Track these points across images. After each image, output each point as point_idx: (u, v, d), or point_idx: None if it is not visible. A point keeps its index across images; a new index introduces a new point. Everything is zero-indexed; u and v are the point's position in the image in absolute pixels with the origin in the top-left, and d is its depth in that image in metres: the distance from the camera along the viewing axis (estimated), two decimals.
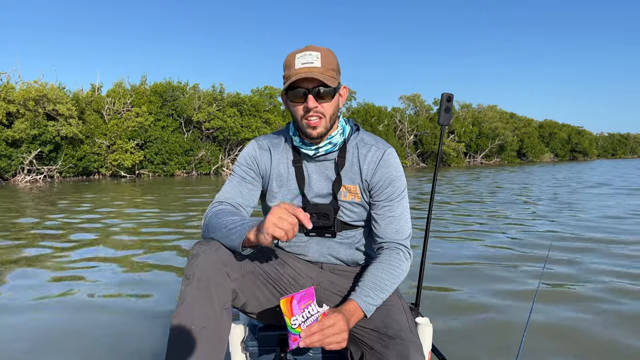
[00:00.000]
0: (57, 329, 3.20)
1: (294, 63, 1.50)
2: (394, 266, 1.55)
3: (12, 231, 7.39)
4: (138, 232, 7.24)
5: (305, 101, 1.51)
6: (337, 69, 1.55)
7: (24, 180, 23.98)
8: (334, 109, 1.56)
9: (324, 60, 1.50)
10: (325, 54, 1.52)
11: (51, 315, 3.46)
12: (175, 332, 1.37)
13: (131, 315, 3.45)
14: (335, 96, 1.55)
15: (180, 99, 30.81)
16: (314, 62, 1.49)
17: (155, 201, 12.31)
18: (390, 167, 1.63)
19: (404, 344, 1.35)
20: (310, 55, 1.49)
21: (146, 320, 3.31)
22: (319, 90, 1.49)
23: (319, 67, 1.49)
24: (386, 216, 1.61)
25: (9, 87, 24.97)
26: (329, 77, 1.49)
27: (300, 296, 1.29)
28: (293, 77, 1.48)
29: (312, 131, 1.53)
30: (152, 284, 4.28)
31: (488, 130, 52.18)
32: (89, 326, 3.22)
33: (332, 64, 1.53)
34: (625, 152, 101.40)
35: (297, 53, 1.51)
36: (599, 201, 11.15)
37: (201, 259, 1.41)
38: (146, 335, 3.02)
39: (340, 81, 1.58)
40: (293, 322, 1.28)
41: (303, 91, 1.50)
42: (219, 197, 1.64)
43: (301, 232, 1.68)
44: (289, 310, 1.28)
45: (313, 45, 1.54)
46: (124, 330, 3.12)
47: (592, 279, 4.27)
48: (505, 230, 7.07)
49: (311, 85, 1.49)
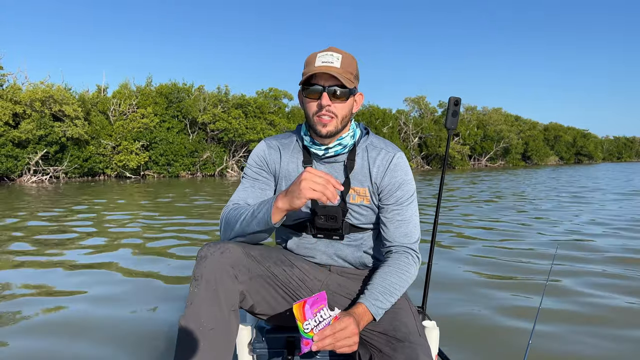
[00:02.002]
0: (65, 331, 3.21)
1: (314, 61, 1.52)
2: (403, 270, 1.55)
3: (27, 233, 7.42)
4: (145, 232, 7.26)
5: (319, 98, 1.51)
6: (356, 74, 1.57)
7: (29, 181, 24.10)
8: (347, 111, 1.56)
9: (344, 62, 1.52)
10: (346, 57, 1.54)
11: (58, 317, 3.47)
12: (183, 333, 1.37)
13: (139, 316, 3.46)
14: (350, 99, 1.56)
15: (185, 101, 30.90)
16: (334, 62, 1.50)
17: (170, 205, 12.33)
18: (400, 171, 1.63)
19: (412, 347, 1.35)
20: (331, 56, 1.51)
21: (154, 322, 3.32)
22: (335, 89, 1.50)
23: (338, 68, 1.50)
24: (395, 220, 1.61)
25: (16, 87, 25.13)
26: (346, 79, 1.50)
27: (313, 300, 1.30)
28: (311, 71, 1.49)
29: (322, 129, 1.53)
30: (160, 285, 4.29)
31: (493, 133, 52.04)
32: (97, 327, 3.23)
33: (352, 67, 1.54)
34: (630, 155, 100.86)
35: (319, 52, 1.54)
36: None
37: (209, 261, 1.42)
38: (154, 337, 3.02)
39: (357, 87, 1.59)
40: (305, 327, 1.28)
41: (319, 88, 1.51)
42: (233, 199, 1.65)
43: (309, 234, 1.69)
44: (302, 314, 1.28)
45: (335, 47, 1.55)
46: (133, 331, 3.13)
47: (596, 292, 4.25)
48: (514, 234, 7.05)
49: (328, 83, 1.50)
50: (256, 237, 1.53)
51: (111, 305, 3.70)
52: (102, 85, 31.53)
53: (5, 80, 26.05)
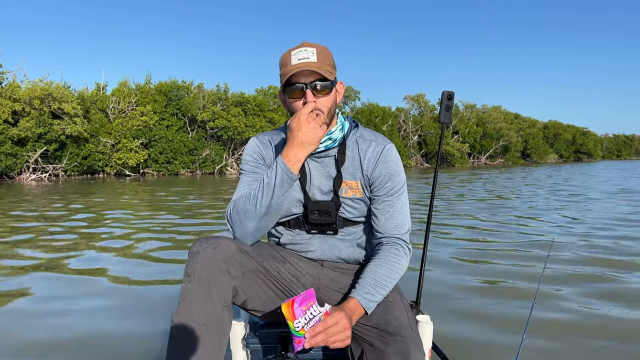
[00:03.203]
0: (59, 330, 3.21)
1: (290, 60, 1.51)
2: (393, 262, 1.55)
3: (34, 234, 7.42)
4: (142, 230, 7.26)
5: (303, 96, 1.51)
6: (333, 65, 1.57)
7: (29, 179, 24.10)
8: (332, 103, 1.56)
9: (320, 55, 1.51)
10: (321, 49, 1.53)
11: (53, 315, 3.48)
12: (176, 329, 1.37)
13: (131, 312, 3.46)
14: (333, 91, 1.56)
15: (184, 98, 30.89)
16: (310, 57, 1.49)
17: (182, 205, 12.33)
18: (390, 162, 1.63)
19: (404, 341, 1.35)
20: (306, 51, 1.50)
21: (146, 318, 3.32)
22: (316, 84, 1.50)
23: (315, 62, 1.49)
24: (386, 211, 1.62)
25: (15, 85, 25.12)
26: (326, 71, 1.50)
27: (301, 299, 1.29)
28: (290, 72, 1.49)
29: None
30: (153, 281, 4.29)
31: (492, 130, 52.08)
32: (89, 325, 3.23)
33: (328, 59, 1.54)
34: (630, 153, 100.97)
35: (292, 50, 1.52)
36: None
37: (201, 257, 1.41)
38: (146, 333, 3.02)
39: (336, 77, 1.59)
40: (296, 325, 1.28)
41: (301, 86, 1.50)
42: (236, 193, 1.64)
43: (303, 229, 1.69)
44: (291, 314, 1.28)
45: (308, 41, 1.55)
46: (124, 329, 3.13)
47: (596, 281, 4.26)
48: (508, 228, 7.05)
49: (309, 80, 1.50)
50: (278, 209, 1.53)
51: (104, 300, 3.70)
52: (102, 83, 31.53)
53: (4, 78, 26.05)
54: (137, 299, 3.79)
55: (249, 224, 1.52)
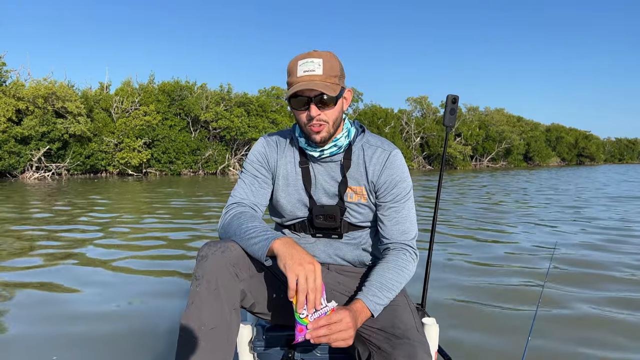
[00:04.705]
0: (65, 332, 3.23)
1: (296, 70, 1.50)
2: (401, 266, 1.56)
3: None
4: (146, 231, 7.28)
5: (308, 109, 1.51)
6: (340, 74, 1.54)
7: (32, 177, 24.16)
8: (338, 114, 1.56)
9: (326, 66, 1.49)
10: (328, 59, 1.51)
11: (60, 317, 3.50)
12: (184, 332, 1.38)
13: (140, 315, 3.47)
14: (339, 102, 1.55)
15: (187, 98, 30.93)
16: (316, 69, 1.48)
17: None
18: (396, 168, 1.64)
19: (411, 344, 1.36)
20: (312, 63, 1.49)
21: (155, 321, 3.33)
22: (321, 98, 1.49)
23: (321, 75, 1.48)
24: (392, 217, 1.63)
25: (19, 84, 25.19)
26: (330, 85, 1.49)
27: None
28: (295, 86, 1.49)
29: (316, 136, 1.54)
30: (161, 284, 4.30)
31: (495, 133, 52.00)
32: (100, 327, 3.25)
33: (335, 69, 1.52)
34: (632, 157, 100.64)
35: (299, 59, 1.51)
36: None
37: (210, 260, 1.42)
38: (156, 336, 3.04)
39: (344, 85, 1.58)
40: (301, 312, 1.30)
41: (305, 100, 1.50)
42: (234, 195, 1.65)
43: (308, 233, 1.70)
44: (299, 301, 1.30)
45: (317, 50, 1.54)
46: (134, 331, 3.14)
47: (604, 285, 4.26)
48: (512, 230, 7.05)
49: (313, 93, 1.49)
50: None
51: (111, 304, 3.72)
52: (105, 82, 31.61)
53: (9, 76, 26.14)
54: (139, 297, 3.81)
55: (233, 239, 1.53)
